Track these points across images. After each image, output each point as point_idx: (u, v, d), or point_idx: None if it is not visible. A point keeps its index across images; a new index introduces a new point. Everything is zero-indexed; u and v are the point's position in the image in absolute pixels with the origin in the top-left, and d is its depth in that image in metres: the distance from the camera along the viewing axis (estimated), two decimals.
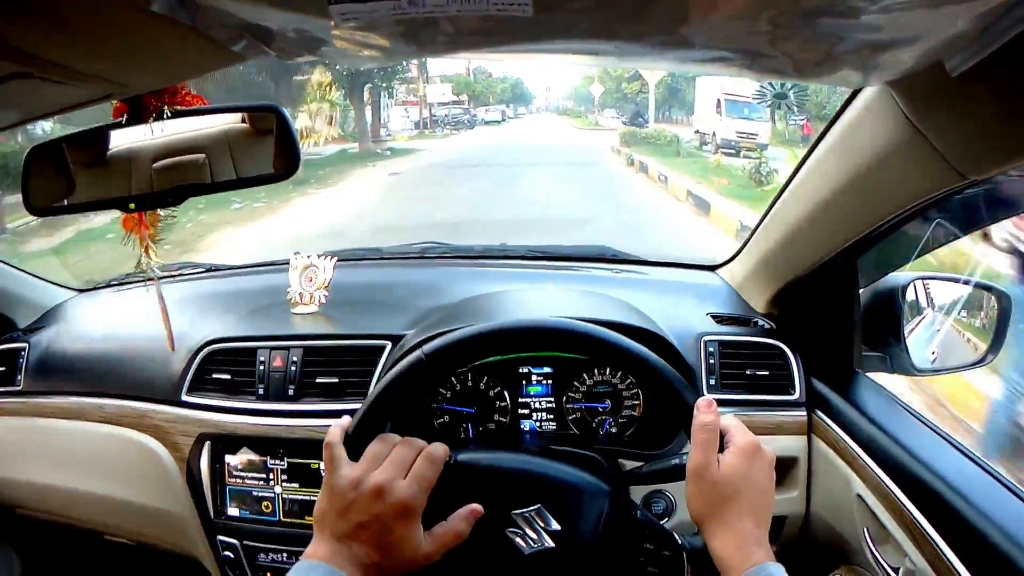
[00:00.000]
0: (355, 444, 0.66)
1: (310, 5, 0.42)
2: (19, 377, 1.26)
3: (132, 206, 0.95)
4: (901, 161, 0.70)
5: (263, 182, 0.92)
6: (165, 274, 1.33)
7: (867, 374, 1.04)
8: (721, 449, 0.65)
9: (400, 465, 0.63)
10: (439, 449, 0.66)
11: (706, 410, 0.66)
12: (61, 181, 0.94)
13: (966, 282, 1.13)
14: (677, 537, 0.70)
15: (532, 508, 0.69)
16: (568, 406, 1.02)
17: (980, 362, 1.10)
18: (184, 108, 0.83)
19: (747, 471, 0.64)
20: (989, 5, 0.42)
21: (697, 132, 14.37)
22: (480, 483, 0.71)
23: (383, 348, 1.05)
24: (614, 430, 1.01)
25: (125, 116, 0.83)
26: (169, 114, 0.81)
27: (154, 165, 0.94)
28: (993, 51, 0.47)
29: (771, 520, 0.65)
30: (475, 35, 0.49)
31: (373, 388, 0.69)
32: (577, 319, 0.73)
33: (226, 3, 0.43)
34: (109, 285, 1.42)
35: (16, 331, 1.34)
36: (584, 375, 1.01)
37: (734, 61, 0.55)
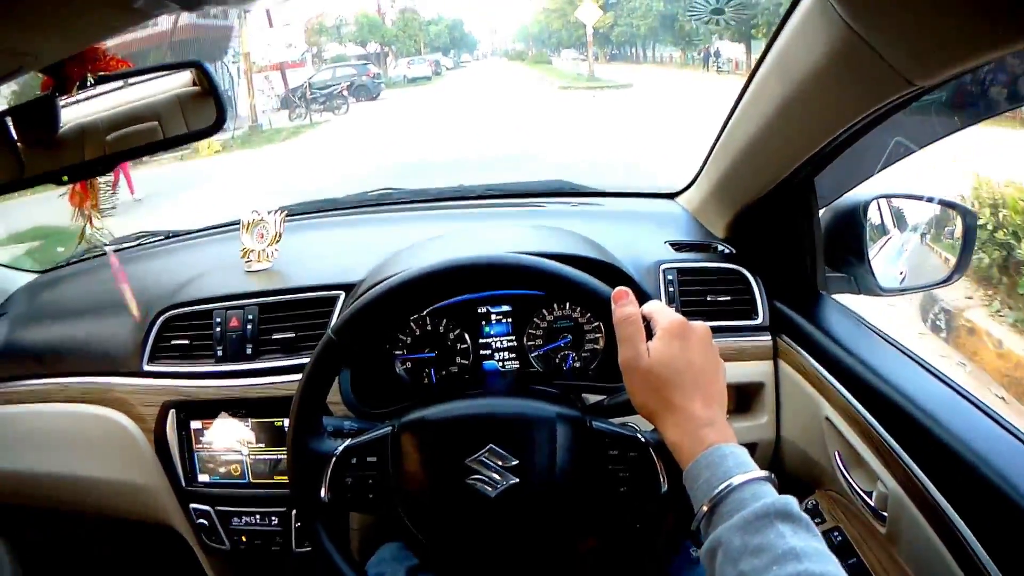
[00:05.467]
0: (297, 443, 0.69)
1: None
2: None
3: (65, 178, 0.94)
4: (844, 70, 0.68)
5: (188, 140, 0.90)
6: (120, 247, 1.31)
7: (832, 296, 1.03)
8: (650, 337, 0.63)
9: None
10: None
11: (622, 302, 0.64)
12: (6, 158, 0.92)
13: (929, 200, 1.11)
14: (639, 435, 0.69)
15: (484, 450, 0.69)
16: (529, 343, 1.01)
17: (946, 281, 1.08)
18: (108, 73, 0.82)
19: (680, 351, 0.61)
20: None
21: None
22: (429, 439, 0.71)
23: (336, 298, 1.04)
24: (578, 364, 1.00)
25: (51, 89, 0.82)
26: (92, 81, 0.80)
27: (107, 137, 0.93)
28: None
29: (726, 398, 0.63)
30: None
31: (300, 382, 0.71)
32: (530, 254, 0.72)
33: None
34: (69, 263, 1.40)
35: None
36: (544, 311, 1.00)
37: None
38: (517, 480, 0.68)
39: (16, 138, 0.89)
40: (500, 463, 0.68)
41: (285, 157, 9.80)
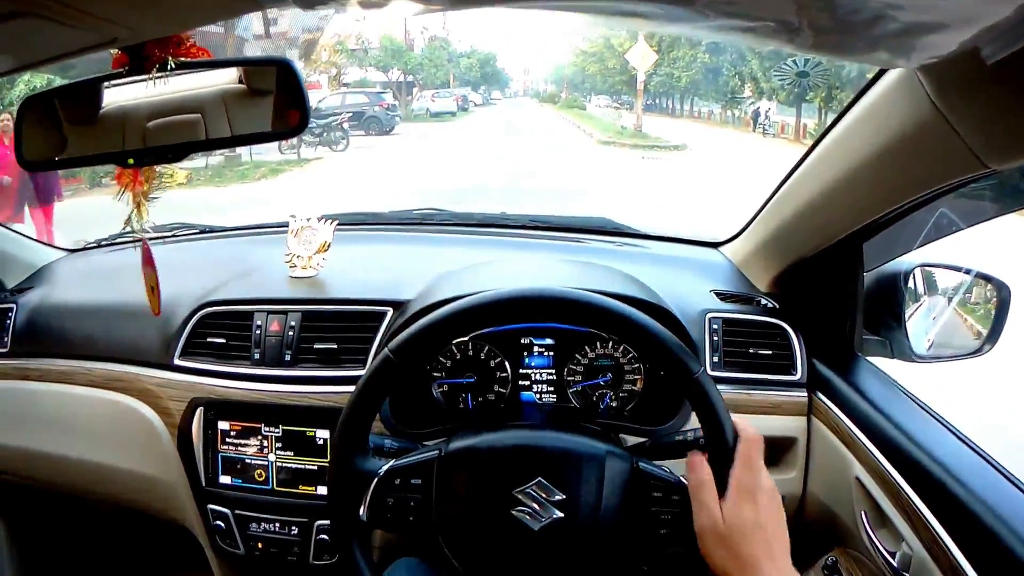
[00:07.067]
0: (342, 459, 0.70)
1: None
2: (6, 339, 1.22)
3: (131, 161, 0.93)
4: (922, 145, 0.70)
5: (268, 139, 0.91)
6: (156, 235, 1.30)
7: (867, 358, 1.04)
8: (723, 488, 0.66)
9: None
10: None
11: (698, 467, 0.67)
12: (53, 136, 0.91)
13: (967, 271, 1.13)
14: (683, 479, 0.70)
15: (532, 483, 0.69)
16: (569, 379, 1.01)
17: (976, 352, 1.10)
18: (189, 60, 0.81)
19: (751, 514, 0.65)
20: None
21: None
22: (478, 467, 0.71)
23: (384, 314, 1.03)
24: (615, 404, 1.01)
25: (126, 67, 0.81)
26: (173, 65, 0.79)
27: (149, 124, 0.92)
28: None
29: (788, 546, 0.66)
30: None
31: (351, 396, 0.71)
32: (582, 290, 0.72)
33: None
34: (100, 245, 1.38)
35: (3, 292, 1.30)
36: (586, 347, 1.00)
37: (773, 32, 0.53)
38: (562, 515, 0.68)
39: (62, 117, 0.89)
40: (546, 496, 0.69)
41: (249, 199, 7.67)
